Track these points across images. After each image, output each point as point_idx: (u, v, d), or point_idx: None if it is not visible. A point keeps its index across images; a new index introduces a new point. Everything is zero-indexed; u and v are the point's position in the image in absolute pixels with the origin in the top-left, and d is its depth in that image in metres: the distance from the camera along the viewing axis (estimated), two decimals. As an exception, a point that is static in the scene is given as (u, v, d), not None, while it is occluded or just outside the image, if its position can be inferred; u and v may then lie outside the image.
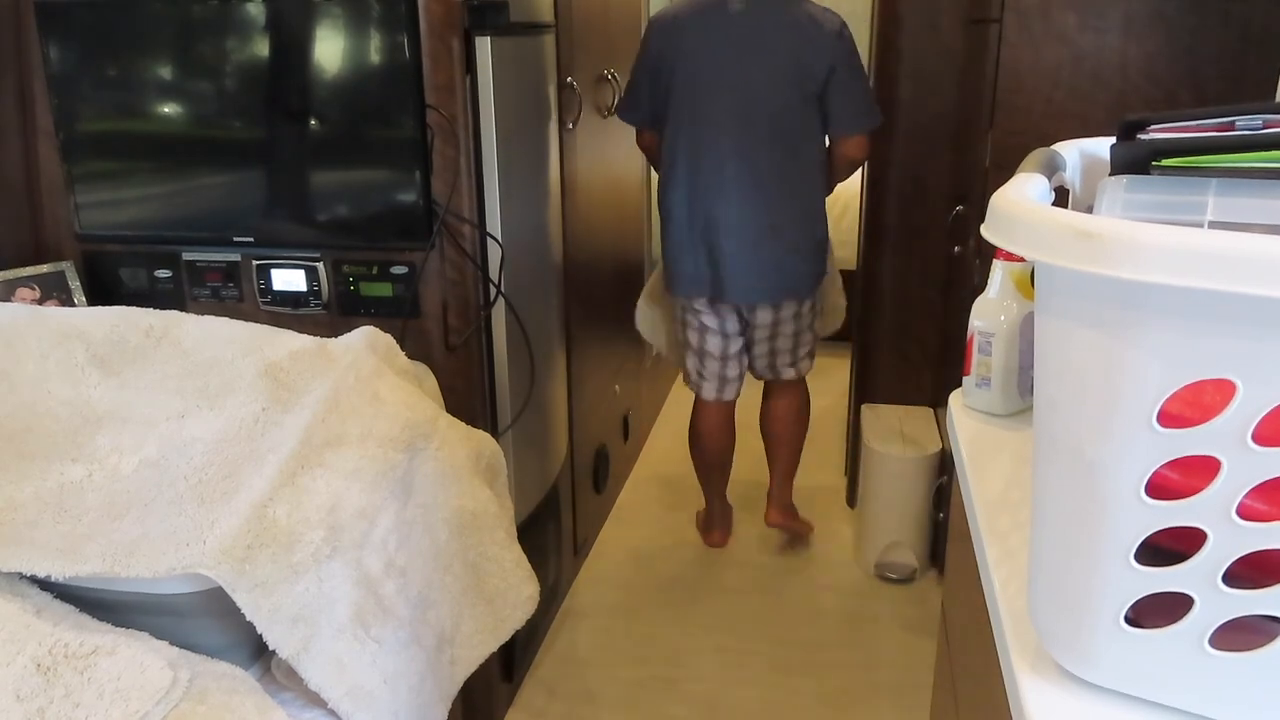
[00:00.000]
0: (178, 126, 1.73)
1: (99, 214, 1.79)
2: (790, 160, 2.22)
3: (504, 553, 1.60)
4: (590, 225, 2.49)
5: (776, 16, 2.18)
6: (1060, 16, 1.80)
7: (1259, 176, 0.61)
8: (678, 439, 3.38)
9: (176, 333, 1.49)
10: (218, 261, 1.81)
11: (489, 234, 1.77)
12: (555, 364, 2.20)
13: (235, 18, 1.64)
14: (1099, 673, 0.64)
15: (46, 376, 1.42)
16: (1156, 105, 1.80)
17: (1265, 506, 0.54)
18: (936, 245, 2.56)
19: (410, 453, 1.41)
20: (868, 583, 2.52)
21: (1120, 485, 0.56)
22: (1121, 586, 0.59)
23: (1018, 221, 0.56)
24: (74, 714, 1.02)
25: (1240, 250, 0.47)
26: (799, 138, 2.22)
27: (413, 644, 1.36)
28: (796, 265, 2.31)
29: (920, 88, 2.47)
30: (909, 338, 2.68)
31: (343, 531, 1.25)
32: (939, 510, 2.44)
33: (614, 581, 2.53)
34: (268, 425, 1.34)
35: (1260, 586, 0.56)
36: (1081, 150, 0.85)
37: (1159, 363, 0.52)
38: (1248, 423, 0.52)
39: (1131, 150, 0.66)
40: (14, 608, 1.11)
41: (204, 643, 1.19)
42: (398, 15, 1.59)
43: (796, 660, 2.22)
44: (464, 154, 1.69)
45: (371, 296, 1.77)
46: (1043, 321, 0.60)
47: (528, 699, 2.09)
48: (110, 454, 1.31)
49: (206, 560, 1.12)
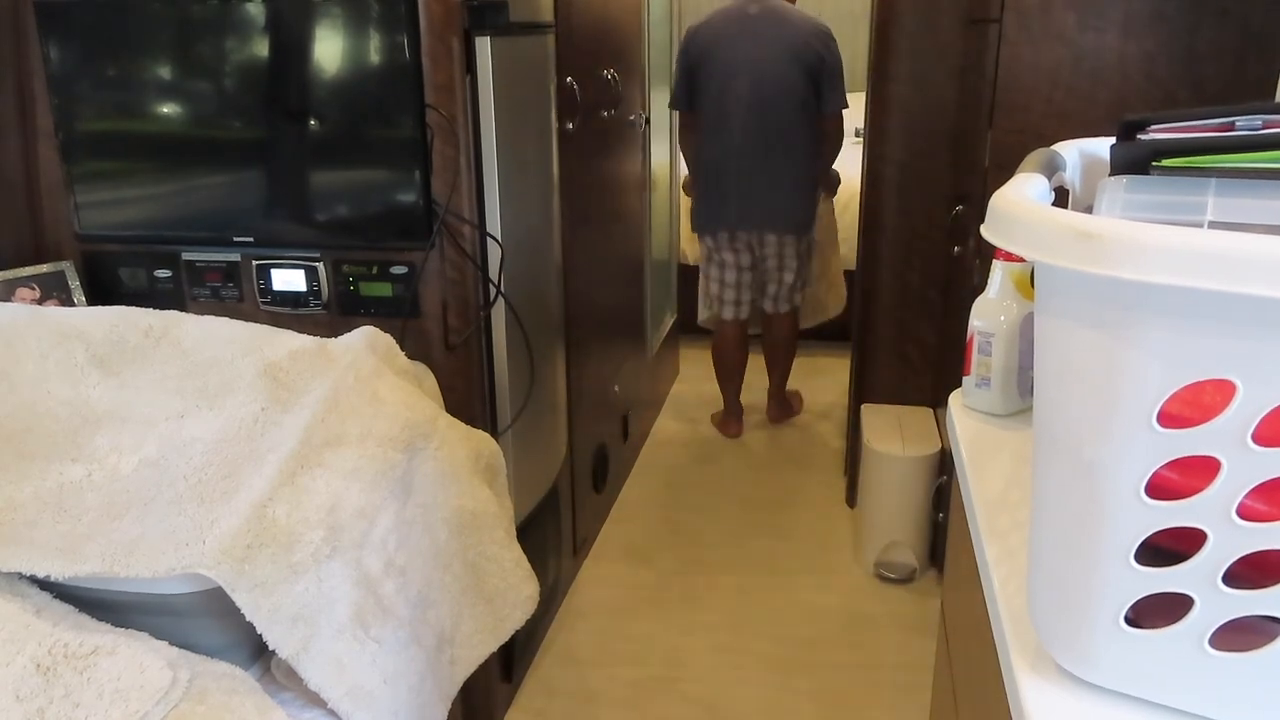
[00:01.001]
0: (177, 126, 1.73)
1: (99, 214, 1.79)
2: (790, 124, 2.96)
3: (504, 552, 1.60)
4: (590, 225, 2.49)
5: (781, 17, 2.96)
6: (1060, 16, 1.80)
7: (1259, 177, 0.61)
8: (678, 439, 3.38)
9: (176, 333, 1.49)
10: (217, 261, 1.81)
11: (489, 234, 1.77)
12: (555, 364, 2.20)
13: (235, 18, 1.64)
14: (1099, 673, 0.64)
15: (46, 376, 1.42)
16: (1156, 105, 1.80)
17: (1265, 507, 0.54)
18: (936, 245, 2.56)
19: (410, 452, 1.41)
20: (867, 582, 2.52)
21: (1120, 485, 0.56)
22: (1121, 587, 0.59)
23: (1017, 222, 0.56)
24: (74, 714, 1.02)
25: (1240, 250, 0.47)
26: (797, 107, 2.95)
27: (412, 644, 1.36)
28: (793, 204, 3.06)
29: (919, 87, 2.47)
30: (909, 338, 2.68)
31: (342, 531, 1.25)
32: (939, 510, 2.44)
33: (614, 581, 2.53)
34: (267, 425, 1.34)
35: (1260, 587, 0.56)
36: (1081, 150, 0.85)
37: (1159, 363, 0.53)
38: (1248, 423, 0.52)
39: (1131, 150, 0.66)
40: (14, 608, 1.11)
41: (204, 643, 1.19)
42: (397, 15, 1.59)
43: (796, 660, 2.22)
44: (464, 154, 1.69)
45: (371, 296, 1.77)
46: (1043, 322, 0.60)
47: (528, 699, 2.09)
48: (110, 454, 1.31)
49: (206, 560, 1.12)
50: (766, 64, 2.92)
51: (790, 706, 2.07)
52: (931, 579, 2.53)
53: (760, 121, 2.94)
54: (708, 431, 3.44)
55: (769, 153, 2.97)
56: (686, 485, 3.06)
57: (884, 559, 2.51)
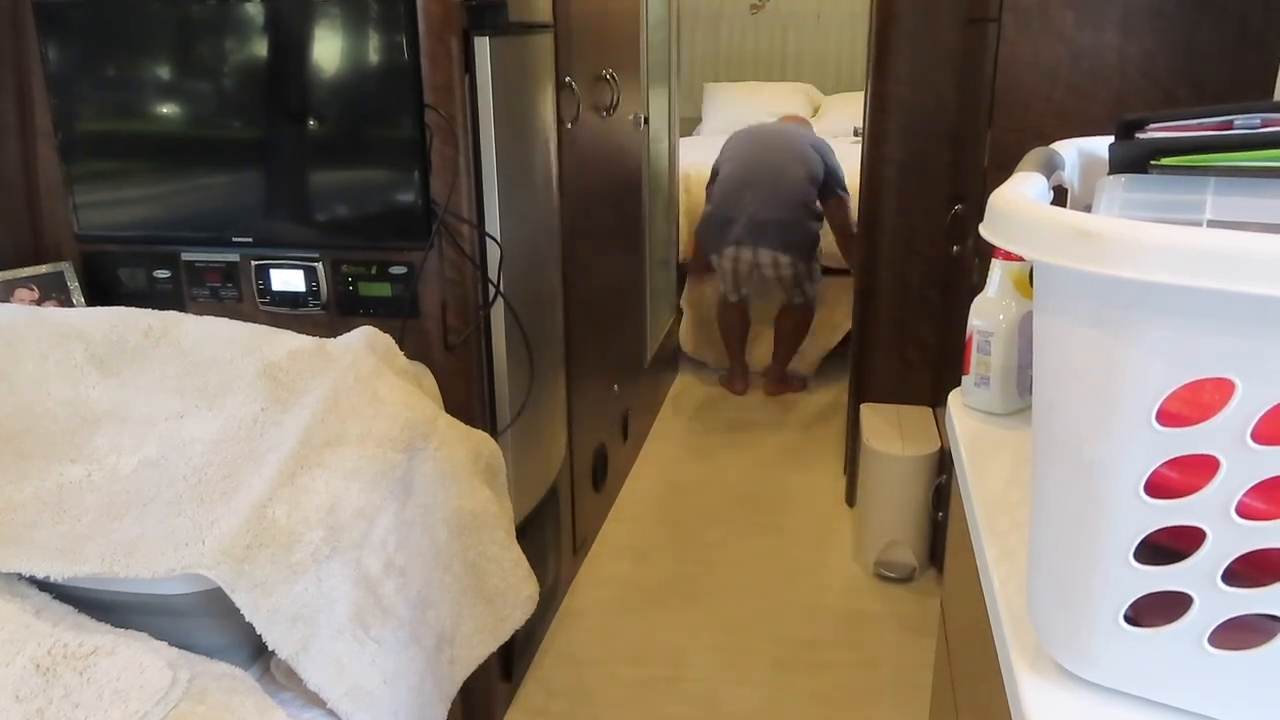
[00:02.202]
0: (176, 126, 1.73)
1: (98, 214, 1.79)
2: (792, 201, 3.45)
3: (503, 552, 1.60)
4: (589, 225, 2.49)
5: (790, 130, 3.65)
6: (1059, 15, 1.80)
7: (1257, 175, 0.61)
8: (678, 438, 3.38)
9: (175, 333, 1.49)
10: (216, 262, 1.81)
11: (488, 234, 1.77)
12: (554, 363, 2.20)
13: (234, 17, 1.64)
14: (1098, 672, 0.64)
15: (46, 377, 1.42)
16: (1155, 104, 1.80)
17: (1264, 505, 0.54)
18: (935, 244, 2.56)
19: (409, 453, 1.41)
20: (867, 582, 2.52)
21: (1120, 484, 0.56)
22: (1121, 585, 0.59)
23: (1016, 221, 0.56)
24: (73, 714, 1.02)
25: (1239, 249, 0.47)
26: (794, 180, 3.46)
27: (412, 644, 1.36)
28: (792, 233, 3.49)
29: (918, 87, 2.47)
30: (908, 337, 2.68)
31: (342, 531, 1.25)
32: (938, 509, 2.44)
33: (614, 581, 2.53)
34: (267, 425, 1.34)
35: (1259, 585, 0.56)
36: (1080, 149, 0.85)
37: (1158, 362, 0.53)
38: (1247, 421, 0.52)
39: (1130, 149, 0.66)
40: (13, 608, 1.11)
41: (203, 643, 1.19)
42: (396, 15, 1.59)
43: (796, 659, 2.22)
44: (463, 154, 1.69)
45: (370, 296, 1.77)
46: (1042, 321, 0.60)
47: (527, 698, 2.09)
48: (109, 454, 1.31)
49: (206, 560, 1.12)
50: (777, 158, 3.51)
51: (790, 706, 2.07)
52: (931, 578, 2.53)
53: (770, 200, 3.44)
54: (708, 431, 3.44)
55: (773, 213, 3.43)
56: (686, 485, 3.06)
57: (884, 558, 2.51)
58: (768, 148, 3.55)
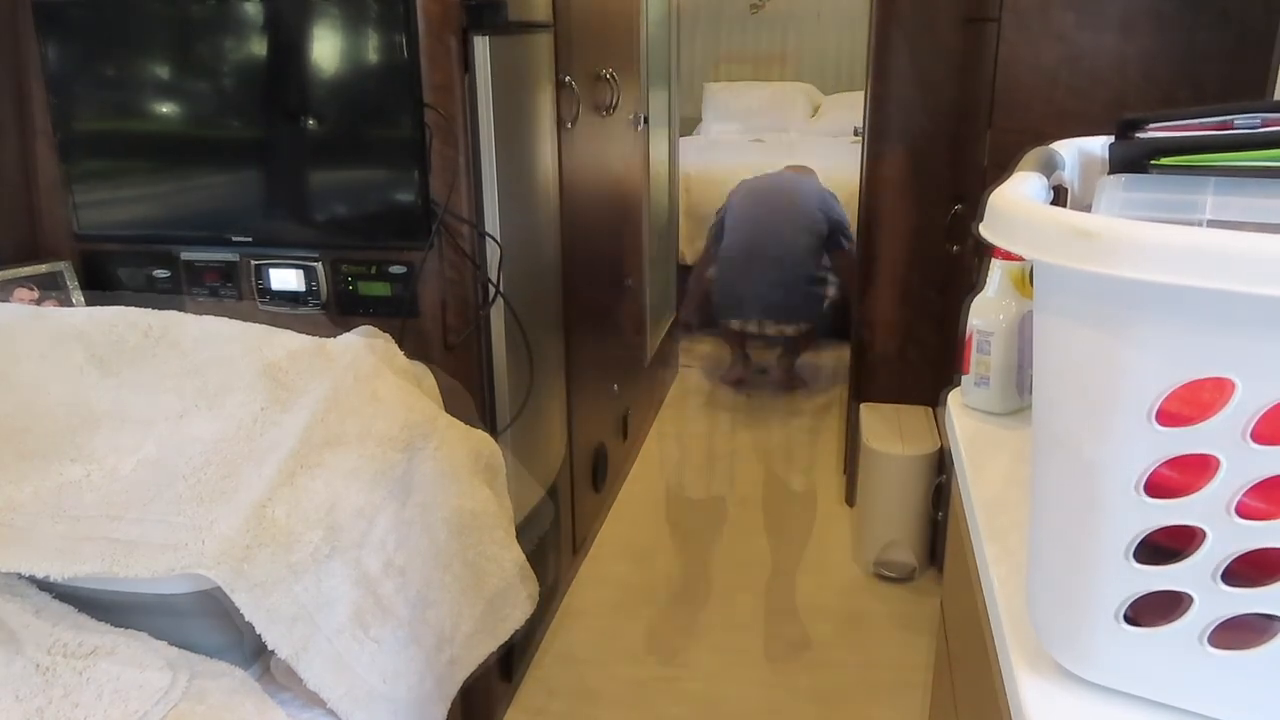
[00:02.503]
0: (175, 126, 1.73)
1: (97, 213, 1.79)
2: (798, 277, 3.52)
3: (503, 552, 1.60)
4: (589, 224, 2.49)
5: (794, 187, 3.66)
6: (1058, 15, 1.80)
7: (1257, 175, 0.61)
8: (677, 438, 3.38)
9: (175, 332, 1.48)
10: (216, 261, 1.81)
11: (487, 233, 1.77)
12: (554, 363, 2.20)
13: (233, 17, 1.64)
14: (1097, 671, 0.64)
15: (45, 377, 1.42)
16: (1154, 104, 1.80)
17: (1263, 505, 0.54)
18: (935, 244, 2.56)
19: (409, 452, 1.41)
20: (866, 581, 2.52)
21: (1119, 483, 0.56)
22: (1120, 585, 0.59)
23: (1016, 220, 0.56)
24: (73, 714, 1.02)
25: (1239, 249, 0.47)
26: (799, 249, 3.51)
27: (412, 644, 1.36)
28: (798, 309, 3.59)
29: (918, 87, 2.47)
30: (907, 337, 2.68)
31: (341, 531, 1.25)
32: (937, 509, 2.44)
33: (613, 580, 2.53)
34: (266, 425, 1.34)
35: (1259, 584, 0.56)
36: (1079, 149, 0.85)
37: (1157, 361, 0.53)
38: (1246, 421, 0.52)
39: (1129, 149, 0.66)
40: (13, 608, 1.11)
41: (203, 643, 1.19)
42: (395, 15, 1.59)
43: (795, 659, 2.22)
44: (462, 153, 1.69)
45: (370, 296, 1.77)
46: (1041, 320, 0.60)
47: (527, 698, 2.09)
48: (109, 454, 1.31)
49: (205, 560, 1.12)
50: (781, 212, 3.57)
51: (790, 706, 2.07)
52: (930, 578, 2.53)
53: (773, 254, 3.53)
54: (708, 431, 3.44)
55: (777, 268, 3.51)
56: (686, 485, 3.06)
57: (883, 558, 2.51)
58: (772, 210, 3.57)
